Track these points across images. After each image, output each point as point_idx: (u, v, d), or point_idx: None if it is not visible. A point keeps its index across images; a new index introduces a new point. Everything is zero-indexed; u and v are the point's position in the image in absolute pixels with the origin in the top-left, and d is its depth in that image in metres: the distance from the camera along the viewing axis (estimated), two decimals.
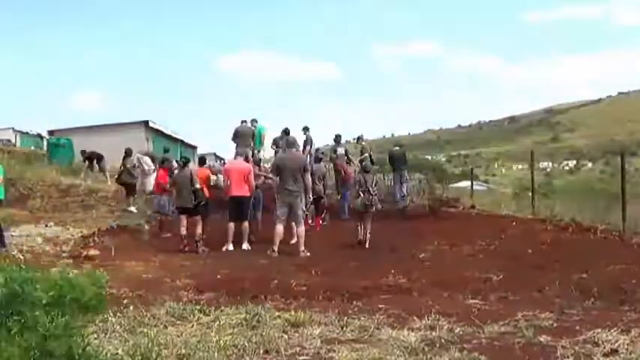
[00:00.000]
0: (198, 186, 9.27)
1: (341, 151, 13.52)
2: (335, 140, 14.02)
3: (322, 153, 13.02)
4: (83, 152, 17.52)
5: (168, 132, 27.17)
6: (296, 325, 4.36)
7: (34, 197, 13.59)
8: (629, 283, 6.01)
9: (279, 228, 8.51)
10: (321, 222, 11.29)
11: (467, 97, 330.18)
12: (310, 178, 8.87)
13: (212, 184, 10.46)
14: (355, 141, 15.00)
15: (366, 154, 13.25)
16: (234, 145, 13.67)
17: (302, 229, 8.53)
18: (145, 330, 4.14)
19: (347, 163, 13.52)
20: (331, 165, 13.52)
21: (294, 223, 8.72)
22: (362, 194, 9.28)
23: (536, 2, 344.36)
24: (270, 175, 9.47)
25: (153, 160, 13.19)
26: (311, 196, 9.43)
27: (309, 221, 10.48)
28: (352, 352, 3.70)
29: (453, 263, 7.73)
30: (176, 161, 11.95)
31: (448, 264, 7.65)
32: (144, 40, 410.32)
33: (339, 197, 12.83)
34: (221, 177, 10.27)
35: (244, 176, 9.31)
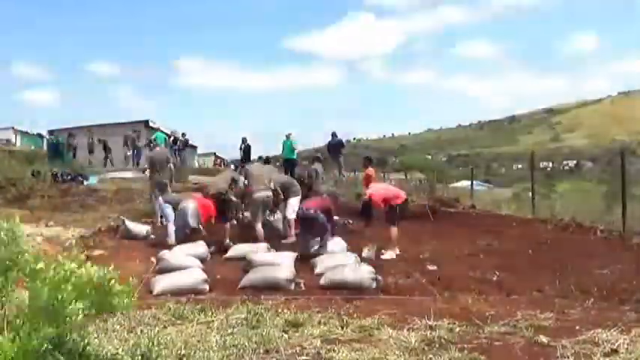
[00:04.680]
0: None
1: None
2: None
3: None
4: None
5: (168, 132, 27.17)
6: (296, 325, 4.36)
7: (34, 197, 13.57)
8: (629, 283, 6.01)
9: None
10: None
11: (468, 97, 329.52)
12: None
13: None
14: None
15: None
16: None
17: None
18: (145, 330, 4.14)
19: None
20: None
21: None
22: None
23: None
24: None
25: None
26: None
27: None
28: (352, 352, 3.70)
29: (453, 263, 7.73)
30: None
31: (448, 264, 7.64)
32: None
33: None
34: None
35: None
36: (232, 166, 21.42)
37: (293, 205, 9.48)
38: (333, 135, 18.22)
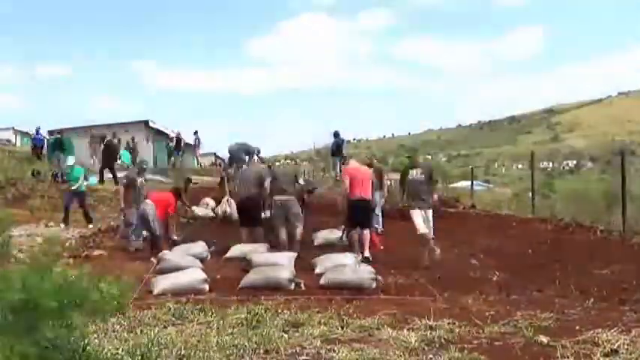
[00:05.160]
0: None
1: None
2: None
3: None
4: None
5: (168, 131, 27.17)
6: (296, 325, 4.36)
7: (34, 197, 13.57)
8: (629, 283, 6.01)
9: None
10: None
11: (468, 96, 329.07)
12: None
13: None
14: None
15: None
16: None
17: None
18: (145, 330, 4.14)
19: None
20: None
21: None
22: None
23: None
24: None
25: None
26: None
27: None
28: (352, 352, 3.70)
29: (453, 263, 7.73)
30: None
31: (448, 264, 7.64)
32: None
33: None
34: None
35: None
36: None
37: None
38: (336, 134, 18.23)
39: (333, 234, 9.23)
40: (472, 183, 19.68)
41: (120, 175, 16.21)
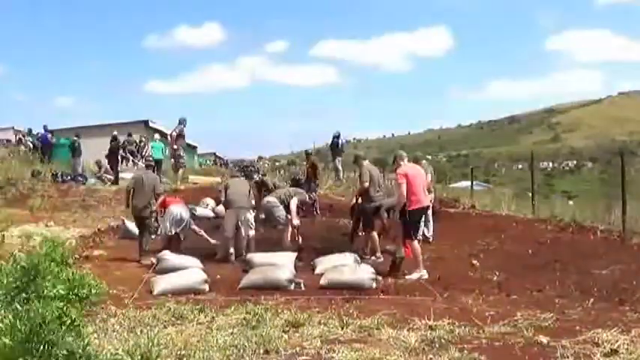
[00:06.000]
0: None
1: None
2: None
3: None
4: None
5: (167, 131, 27.15)
6: (296, 325, 4.36)
7: (34, 197, 13.56)
8: (629, 283, 6.01)
9: None
10: None
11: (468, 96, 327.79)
12: None
13: None
14: None
15: None
16: None
17: None
18: (145, 330, 4.14)
19: None
20: None
21: None
22: None
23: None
24: None
25: None
26: None
27: None
28: (352, 352, 3.70)
29: (453, 263, 7.73)
30: None
31: (448, 264, 7.64)
32: None
33: None
34: None
35: None
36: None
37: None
38: (337, 136, 18.21)
39: None
40: (472, 183, 19.68)
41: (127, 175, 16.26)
